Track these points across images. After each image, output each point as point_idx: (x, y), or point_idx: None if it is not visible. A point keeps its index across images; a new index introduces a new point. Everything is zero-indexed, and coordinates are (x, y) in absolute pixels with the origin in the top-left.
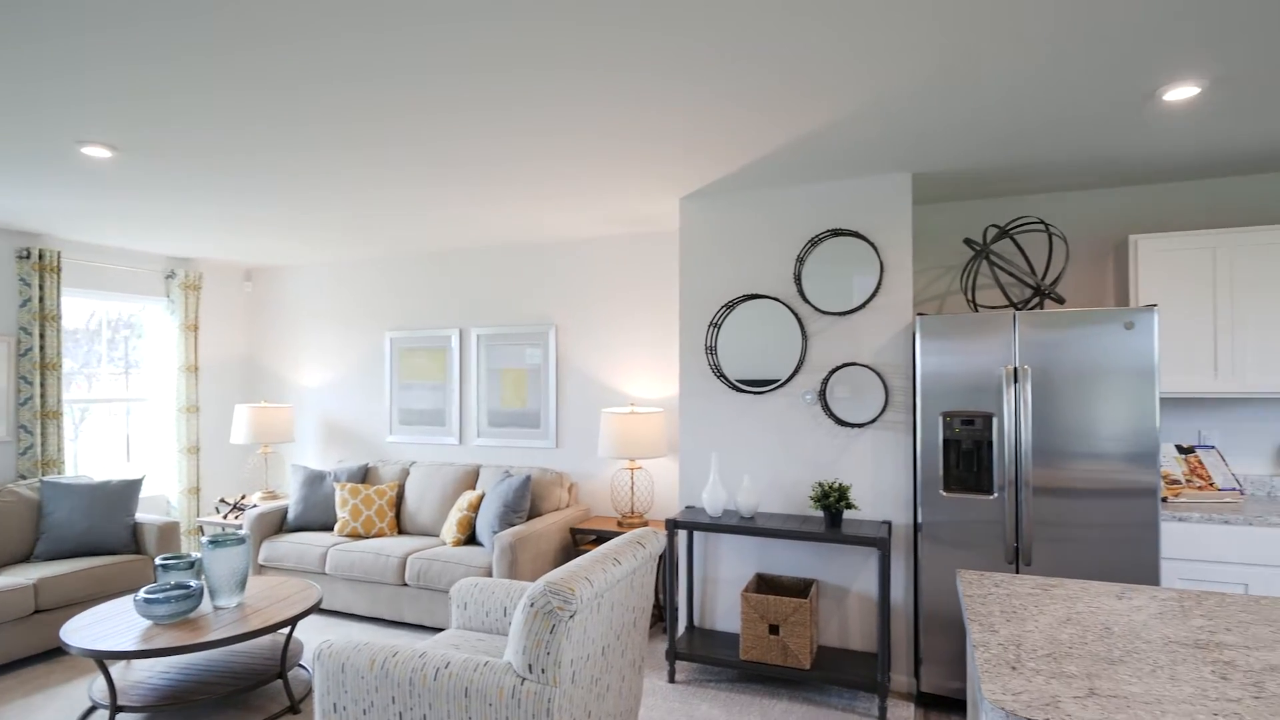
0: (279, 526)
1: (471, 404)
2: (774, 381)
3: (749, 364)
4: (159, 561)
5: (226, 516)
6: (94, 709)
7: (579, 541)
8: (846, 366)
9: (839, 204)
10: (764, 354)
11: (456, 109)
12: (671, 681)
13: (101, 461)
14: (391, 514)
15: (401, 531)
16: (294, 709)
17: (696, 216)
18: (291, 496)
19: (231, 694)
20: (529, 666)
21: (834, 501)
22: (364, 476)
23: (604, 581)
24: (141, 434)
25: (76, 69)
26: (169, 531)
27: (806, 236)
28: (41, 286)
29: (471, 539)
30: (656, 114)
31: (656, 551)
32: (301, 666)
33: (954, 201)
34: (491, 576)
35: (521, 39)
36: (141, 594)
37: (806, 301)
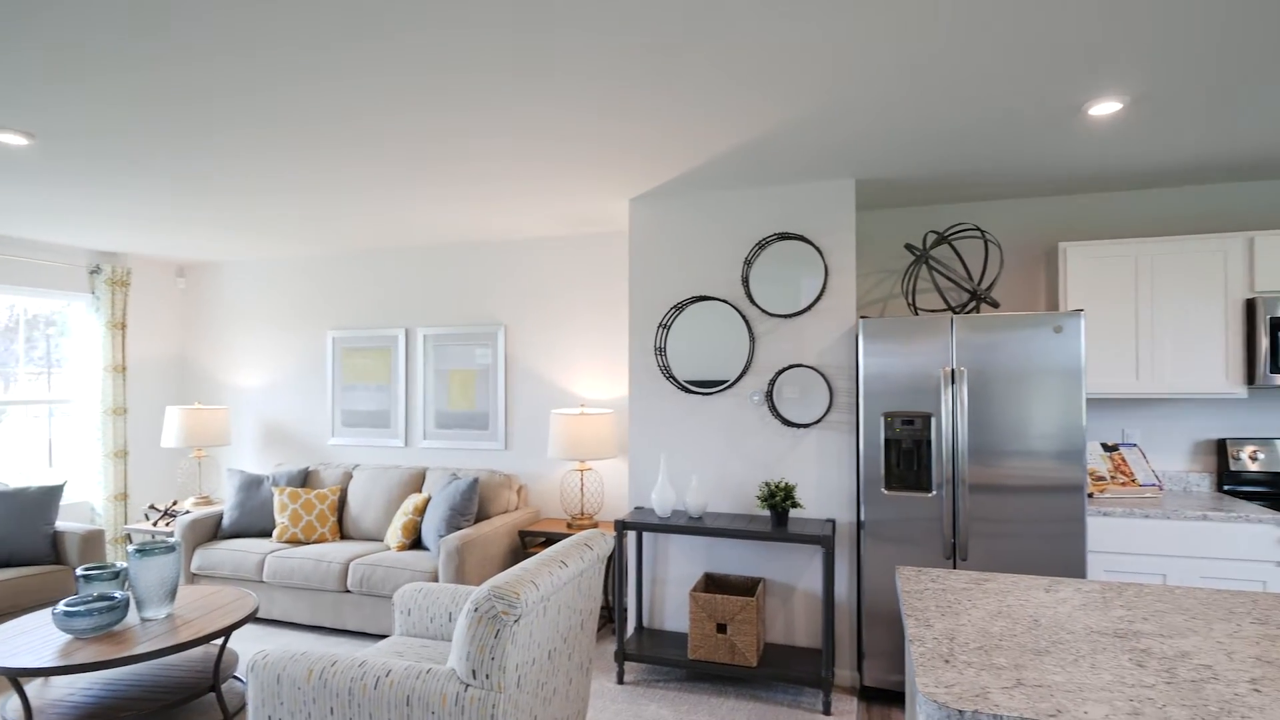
0: (213, 533)
1: (418, 405)
2: (722, 382)
3: (698, 365)
4: (80, 572)
5: (156, 524)
6: None
7: (528, 544)
8: (793, 368)
9: (786, 208)
10: (712, 355)
11: (392, 112)
12: (620, 683)
13: (21, 467)
14: (333, 519)
15: (344, 537)
16: None
17: (646, 218)
18: (227, 502)
19: (160, 709)
20: (473, 672)
21: (780, 501)
22: (304, 480)
23: (550, 584)
24: (65, 438)
25: None
26: (93, 540)
27: (754, 239)
28: None
29: (417, 543)
30: (603, 117)
31: (604, 553)
32: (236, 678)
33: (896, 208)
34: (438, 581)
35: (464, 43)
36: (61, 606)
37: (754, 304)
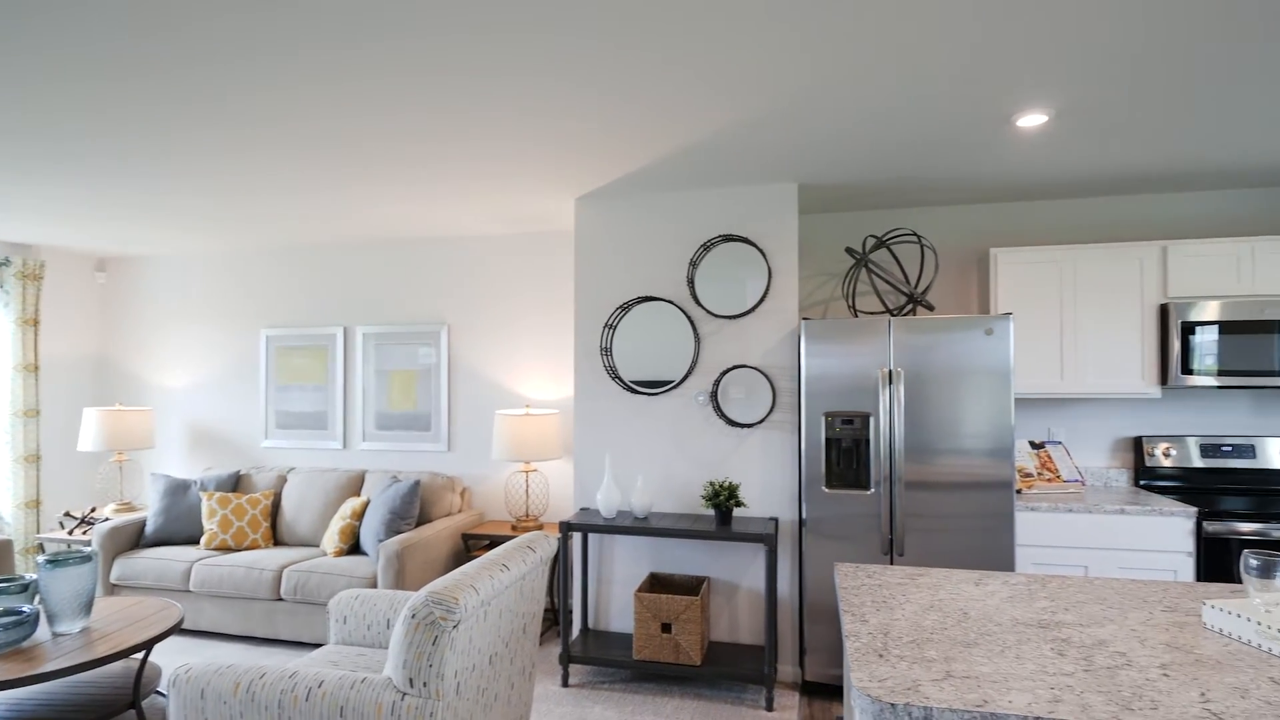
0: (136, 541)
1: (357, 406)
2: (668, 383)
3: (643, 365)
4: None
5: (72, 532)
6: None
7: (471, 547)
8: (737, 368)
9: (731, 210)
10: (658, 356)
11: (334, 114)
12: (565, 685)
13: None
14: (266, 524)
15: (278, 543)
16: None
17: (592, 217)
18: (151, 508)
19: None
20: (409, 680)
21: (724, 500)
22: (235, 484)
23: (491, 589)
24: None
25: None
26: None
27: (700, 241)
28: None
29: (356, 549)
30: (548, 117)
31: (548, 555)
32: (159, 694)
33: (837, 212)
34: (376, 588)
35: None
36: None
37: (699, 305)
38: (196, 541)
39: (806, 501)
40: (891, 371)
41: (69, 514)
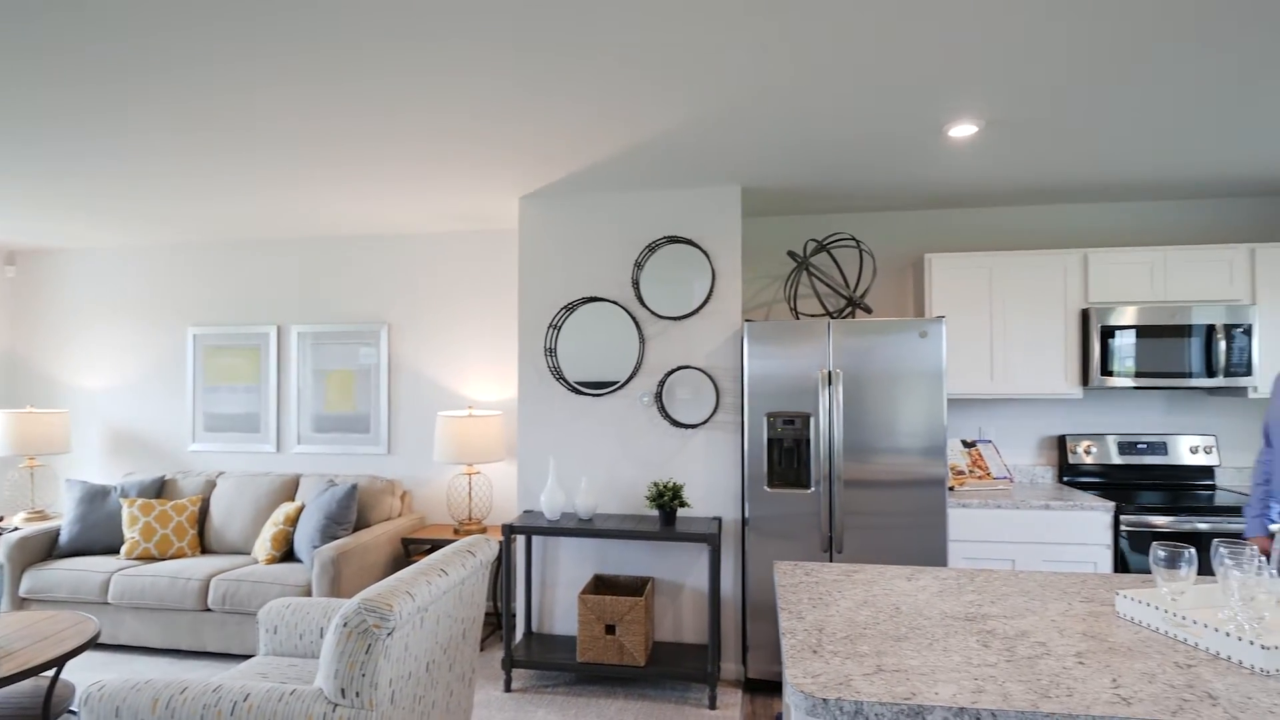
0: (48, 551)
1: (291, 408)
2: (613, 384)
3: (588, 366)
4: None
5: None
6: None
7: (411, 552)
8: (681, 369)
9: (676, 212)
10: (603, 357)
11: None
12: (508, 690)
13: None
14: (193, 531)
15: (206, 551)
16: None
17: (536, 217)
18: (65, 516)
19: None
20: (341, 691)
21: (668, 500)
22: (160, 490)
23: (428, 594)
24: None
25: None
26: None
27: (645, 242)
28: None
29: (289, 555)
30: (488, 120)
31: (489, 559)
32: (71, 713)
33: (780, 216)
34: (310, 596)
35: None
36: None
37: (644, 306)
38: (116, 551)
39: (749, 501)
40: (831, 373)
41: None
